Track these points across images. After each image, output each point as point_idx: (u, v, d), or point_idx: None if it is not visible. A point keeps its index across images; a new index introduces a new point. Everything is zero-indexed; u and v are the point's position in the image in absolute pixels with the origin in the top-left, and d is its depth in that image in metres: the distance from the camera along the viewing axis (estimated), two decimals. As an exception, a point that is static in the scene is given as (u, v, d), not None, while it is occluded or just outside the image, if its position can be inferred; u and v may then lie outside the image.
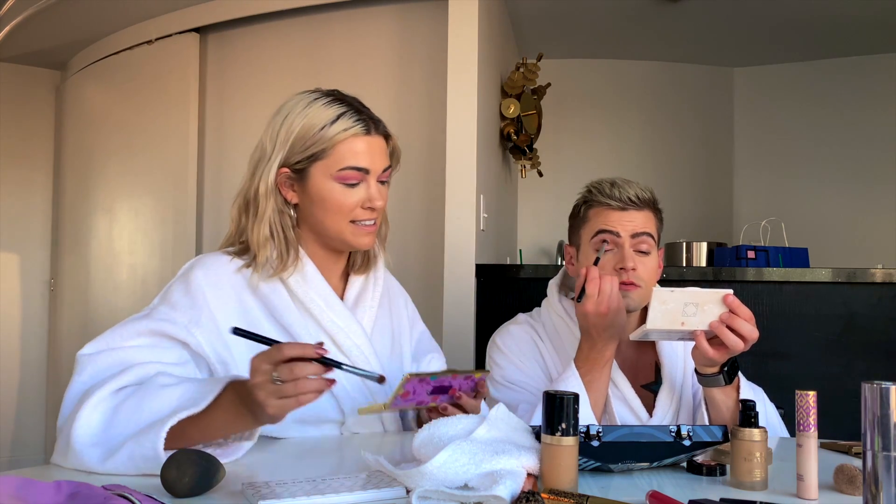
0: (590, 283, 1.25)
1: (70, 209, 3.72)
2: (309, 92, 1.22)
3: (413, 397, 1.08)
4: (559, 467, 0.82)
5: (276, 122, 1.20)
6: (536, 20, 3.38)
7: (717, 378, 1.21)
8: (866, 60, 3.77)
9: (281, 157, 1.18)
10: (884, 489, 0.73)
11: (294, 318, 1.18)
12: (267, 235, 1.18)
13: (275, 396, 0.90)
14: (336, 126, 1.16)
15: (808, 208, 3.76)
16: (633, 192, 1.36)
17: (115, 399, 1.01)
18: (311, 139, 1.16)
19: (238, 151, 3.17)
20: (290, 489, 0.81)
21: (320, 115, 1.17)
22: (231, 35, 3.17)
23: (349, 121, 1.17)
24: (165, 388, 1.00)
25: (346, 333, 1.21)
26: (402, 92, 2.78)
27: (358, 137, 1.17)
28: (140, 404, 0.98)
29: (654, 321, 1.14)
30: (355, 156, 1.17)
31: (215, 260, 1.21)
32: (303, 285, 1.20)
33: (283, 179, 1.20)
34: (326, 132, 1.16)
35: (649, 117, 3.93)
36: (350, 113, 1.18)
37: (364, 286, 1.30)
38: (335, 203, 1.17)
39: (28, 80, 3.94)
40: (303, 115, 1.18)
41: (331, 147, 1.16)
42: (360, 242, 1.22)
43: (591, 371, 1.28)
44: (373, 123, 1.19)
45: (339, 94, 1.22)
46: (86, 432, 0.97)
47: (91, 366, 1.08)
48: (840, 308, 2.20)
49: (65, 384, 1.08)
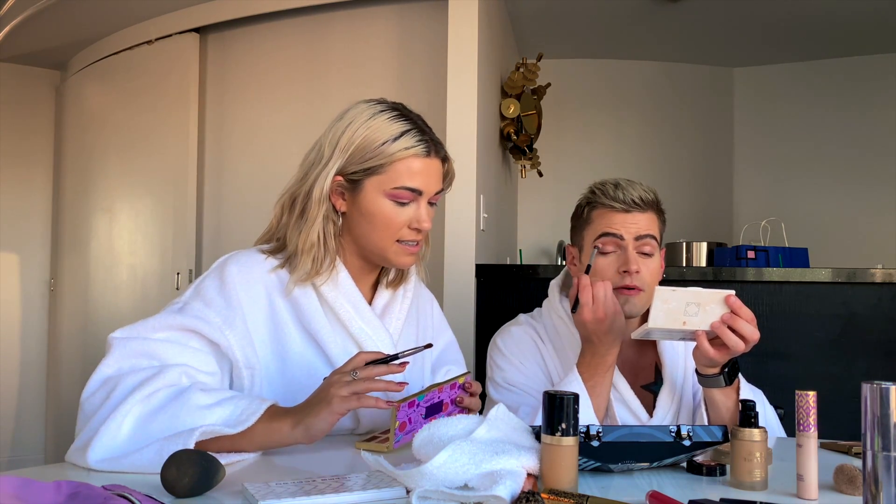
0: (582, 292, 1.25)
1: (70, 209, 3.72)
2: (375, 102, 1.20)
3: (411, 426, 1.06)
4: (559, 467, 0.82)
5: (339, 128, 1.18)
6: (536, 20, 3.38)
7: (717, 379, 1.21)
8: (866, 60, 3.78)
9: (339, 165, 1.16)
10: (884, 489, 0.73)
11: (322, 324, 1.17)
12: (314, 241, 1.17)
13: (346, 388, 0.97)
14: (398, 143, 1.14)
15: (808, 208, 3.76)
16: (637, 193, 1.35)
17: (145, 406, 0.98)
18: (372, 152, 1.15)
19: (238, 151, 3.18)
20: (290, 489, 0.81)
21: (384, 130, 1.15)
22: (231, 35, 3.17)
23: (411, 140, 1.15)
24: (203, 410, 0.98)
25: (373, 340, 1.20)
26: (402, 92, 2.78)
27: (417, 158, 1.15)
28: (174, 422, 0.97)
29: (655, 320, 1.14)
30: (412, 176, 1.15)
31: (250, 257, 1.20)
32: (333, 291, 1.19)
33: (335, 187, 1.18)
34: (388, 148, 1.14)
35: (649, 117, 3.93)
36: (414, 132, 1.16)
37: (393, 297, 1.29)
38: (384, 219, 1.16)
39: (28, 80, 3.95)
40: (366, 126, 1.15)
41: (389, 164, 1.14)
42: (402, 262, 1.21)
43: (594, 376, 1.28)
44: (434, 146, 1.18)
45: (405, 110, 1.20)
46: (111, 444, 0.95)
47: (119, 350, 1.07)
48: (840, 308, 2.20)
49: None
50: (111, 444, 0.95)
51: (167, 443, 0.92)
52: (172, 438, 0.93)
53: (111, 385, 1.03)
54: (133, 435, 0.96)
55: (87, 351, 3.45)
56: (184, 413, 0.97)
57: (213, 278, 1.17)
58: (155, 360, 1.07)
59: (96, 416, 1.00)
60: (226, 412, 0.98)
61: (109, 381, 1.04)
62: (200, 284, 1.17)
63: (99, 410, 1.00)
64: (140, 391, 0.99)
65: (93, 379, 1.06)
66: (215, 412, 0.98)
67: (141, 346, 1.08)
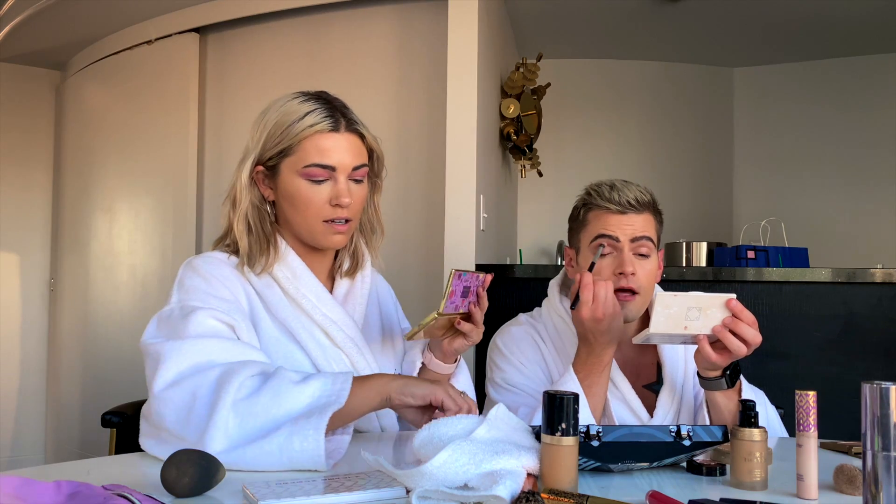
0: (584, 290, 1.25)
1: (70, 209, 3.72)
2: (295, 92, 1.22)
3: (454, 299, 1.14)
4: (559, 467, 0.82)
5: (258, 120, 1.22)
6: (536, 20, 3.38)
7: (719, 382, 1.21)
8: (866, 60, 3.77)
9: (256, 154, 1.20)
10: (884, 489, 0.73)
11: (288, 314, 1.20)
12: (243, 229, 1.20)
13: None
14: (303, 122, 1.16)
15: (808, 208, 3.76)
16: (633, 195, 1.35)
17: (240, 394, 0.98)
18: (281, 135, 1.17)
19: (238, 151, 3.16)
20: (290, 489, 0.81)
21: (292, 112, 1.18)
22: (231, 35, 3.17)
23: (317, 117, 1.16)
24: (297, 385, 1.00)
25: (338, 326, 1.22)
26: (402, 92, 2.78)
27: (323, 134, 1.16)
28: (276, 401, 0.98)
29: (657, 325, 1.15)
30: (320, 153, 1.16)
31: (213, 257, 1.22)
32: (293, 281, 1.21)
33: (259, 177, 1.21)
34: (294, 128, 1.16)
35: (649, 117, 3.93)
36: (319, 110, 1.17)
37: (352, 284, 1.32)
38: (303, 200, 1.18)
39: (28, 80, 3.94)
40: (277, 112, 1.19)
41: (297, 143, 1.17)
42: (331, 241, 1.22)
43: (590, 375, 1.28)
44: (343, 121, 1.18)
45: (320, 94, 1.22)
46: (224, 436, 0.95)
47: (176, 357, 1.04)
48: (840, 308, 2.20)
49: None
50: (227, 435, 0.95)
51: (296, 426, 0.94)
52: (301, 421, 0.95)
53: (193, 384, 1.01)
54: (242, 423, 0.96)
55: (87, 351, 3.45)
56: (283, 393, 0.98)
57: (192, 277, 1.17)
58: (212, 356, 1.05)
59: (194, 413, 0.98)
60: (320, 388, 1.00)
61: (183, 381, 1.02)
62: (186, 285, 1.16)
63: (194, 406, 0.99)
64: (232, 382, 0.99)
65: (171, 399, 1.01)
66: (308, 388, 1.00)
67: (194, 347, 1.05)
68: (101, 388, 3.29)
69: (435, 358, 1.29)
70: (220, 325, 1.10)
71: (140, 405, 1.53)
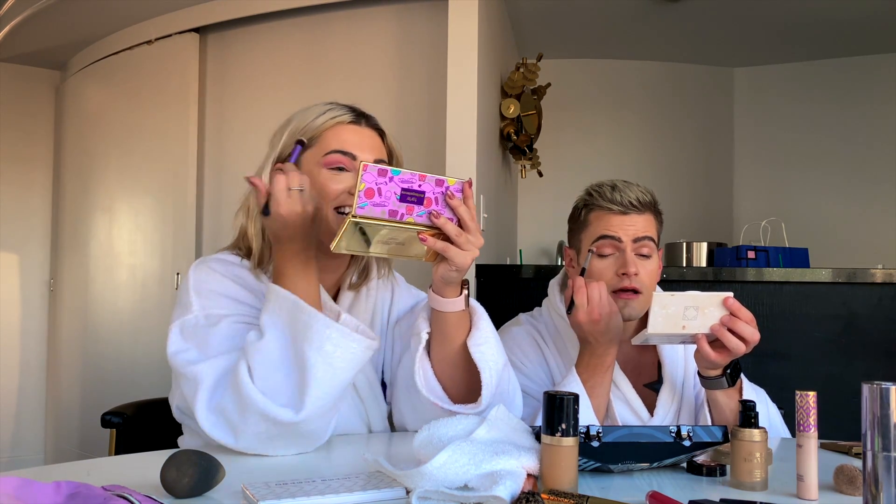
0: (577, 293, 1.26)
1: (70, 209, 3.72)
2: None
3: (380, 200, 0.96)
4: (559, 468, 0.82)
5: (280, 129, 1.24)
6: (536, 20, 3.38)
7: (719, 381, 1.21)
8: (866, 60, 3.77)
9: (276, 154, 1.20)
10: (884, 489, 0.73)
11: None
12: (258, 230, 1.20)
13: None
14: (324, 116, 1.20)
15: (808, 208, 3.76)
16: (635, 195, 1.35)
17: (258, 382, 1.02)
18: (303, 130, 1.19)
19: (238, 151, 3.18)
20: (290, 489, 0.81)
21: (313, 111, 1.21)
22: (231, 35, 3.17)
23: (338, 111, 1.21)
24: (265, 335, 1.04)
25: None
26: (402, 92, 2.78)
27: (344, 125, 1.20)
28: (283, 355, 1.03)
29: (654, 325, 1.15)
30: (341, 142, 1.18)
31: (225, 260, 1.22)
32: None
33: None
34: (315, 122, 1.19)
35: (649, 117, 3.93)
36: (340, 107, 1.22)
37: (356, 297, 1.30)
38: (321, 188, 1.16)
39: (28, 80, 3.95)
40: (299, 115, 1.23)
41: (318, 135, 1.19)
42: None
43: (593, 377, 1.28)
44: (364, 117, 1.22)
45: (342, 103, 1.25)
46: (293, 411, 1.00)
47: (212, 374, 1.06)
48: (840, 308, 2.20)
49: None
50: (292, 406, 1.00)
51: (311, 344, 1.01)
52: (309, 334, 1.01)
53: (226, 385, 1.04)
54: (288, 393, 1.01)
55: (87, 351, 3.45)
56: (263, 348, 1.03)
57: (209, 280, 1.17)
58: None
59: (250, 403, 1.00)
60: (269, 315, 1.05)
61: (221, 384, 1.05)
62: (205, 289, 1.15)
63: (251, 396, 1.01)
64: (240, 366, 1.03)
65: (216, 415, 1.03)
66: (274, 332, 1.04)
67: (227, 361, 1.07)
68: (101, 389, 3.29)
69: (433, 292, 1.13)
70: (246, 330, 1.11)
71: (140, 405, 1.53)
